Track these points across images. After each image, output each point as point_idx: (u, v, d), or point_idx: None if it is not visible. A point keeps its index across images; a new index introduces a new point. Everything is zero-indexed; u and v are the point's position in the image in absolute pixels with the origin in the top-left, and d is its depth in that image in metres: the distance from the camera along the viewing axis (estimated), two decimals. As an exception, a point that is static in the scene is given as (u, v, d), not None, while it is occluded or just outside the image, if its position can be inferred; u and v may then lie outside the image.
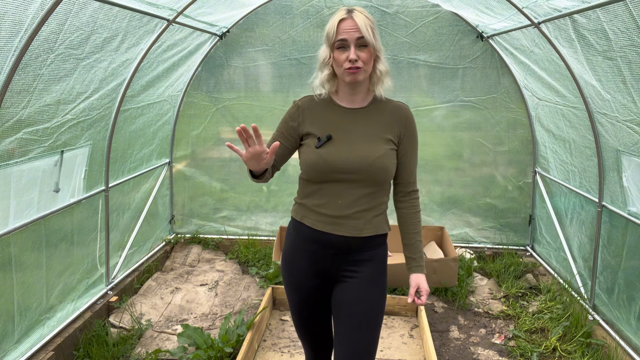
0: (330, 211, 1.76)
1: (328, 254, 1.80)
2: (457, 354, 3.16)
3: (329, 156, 1.73)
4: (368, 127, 1.78)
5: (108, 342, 3.15)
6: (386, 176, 1.77)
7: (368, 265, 1.80)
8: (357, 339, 1.76)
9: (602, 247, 3.27)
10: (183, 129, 4.75)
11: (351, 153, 1.73)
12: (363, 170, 1.72)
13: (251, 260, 4.49)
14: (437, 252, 4.25)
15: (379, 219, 1.80)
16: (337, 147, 1.75)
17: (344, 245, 1.78)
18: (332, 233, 1.77)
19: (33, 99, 2.51)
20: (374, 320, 1.79)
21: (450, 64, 4.41)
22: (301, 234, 1.84)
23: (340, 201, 1.75)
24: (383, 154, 1.74)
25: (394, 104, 1.84)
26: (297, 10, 4.42)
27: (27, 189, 2.69)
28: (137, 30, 3.15)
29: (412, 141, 1.83)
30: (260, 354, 3.09)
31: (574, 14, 2.73)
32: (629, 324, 2.93)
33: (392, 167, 1.78)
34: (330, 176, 1.75)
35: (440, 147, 4.63)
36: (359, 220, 1.76)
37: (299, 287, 1.89)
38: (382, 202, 1.81)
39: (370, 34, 1.68)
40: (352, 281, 1.79)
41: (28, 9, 2.17)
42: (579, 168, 3.57)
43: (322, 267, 1.82)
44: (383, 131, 1.78)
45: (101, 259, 3.56)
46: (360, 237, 1.76)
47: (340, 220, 1.76)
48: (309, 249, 1.83)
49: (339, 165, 1.72)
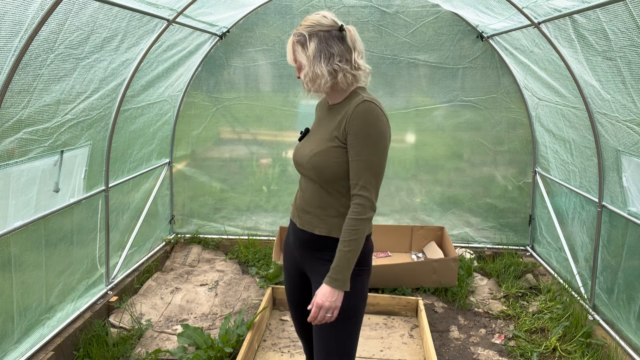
0: (297, 203, 1.91)
1: (296, 246, 1.92)
2: (457, 354, 3.16)
3: (295, 151, 1.90)
4: (327, 123, 1.82)
5: (108, 342, 3.15)
6: (321, 173, 1.73)
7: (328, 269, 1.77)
8: (319, 339, 1.81)
9: (602, 247, 3.27)
10: (183, 129, 4.75)
11: (302, 148, 1.85)
12: (302, 166, 1.82)
13: (251, 260, 4.49)
14: (437, 252, 4.25)
15: (335, 221, 1.76)
16: (303, 142, 1.89)
17: (304, 239, 1.86)
18: (295, 224, 1.90)
19: (33, 99, 2.51)
20: (335, 325, 1.75)
21: (450, 64, 4.41)
22: (289, 224, 2.01)
23: (302, 194, 1.88)
24: (320, 151, 1.74)
25: (355, 99, 1.73)
26: (297, 10, 4.42)
27: (27, 189, 2.69)
28: (137, 30, 3.15)
29: (355, 139, 1.66)
30: (260, 354, 3.09)
31: (574, 14, 2.73)
32: (629, 324, 2.93)
33: (330, 165, 1.71)
34: (297, 169, 1.88)
35: (440, 147, 4.63)
36: (313, 216, 1.82)
37: (288, 275, 2.04)
38: (336, 204, 1.76)
39: (290, 56, 1.83)
40: (317, 278, 1.83)
41: (28, 9, 2.17)
42: (579, 168, 3.57)
43: (297, 257, 1.94)
44: (334, 128, 1.75)
45: (101, 259, 3.56)
46: (314, 234, 1.81)
47: (300, 213, 1.87)
48: (290, 239, 1.97)
49: (295, 158, 1.88)
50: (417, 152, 4.62)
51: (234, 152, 4.80)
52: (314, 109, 2.04)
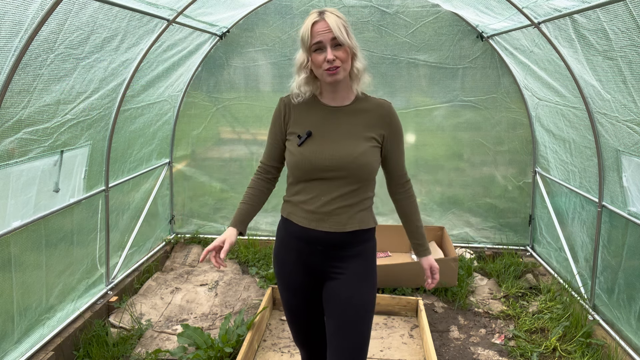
0: (314, 208, 1.79)
1: (315, 251, 1.83)
2: (457, 354, 3.16)
3: (311, 155, 1.76)
4: (350, 124, 1.80)
5: (108, 342, 3.15)
6: (369, 173, 1.79)
7: (355, 262, 1.83)
8: (349, 334, 1.78)
9: (602, 247, 3.27)
10: (183, 129, 4.75)
11: (334, 151, 1.75)
12: (346, 167, 1.74)
13: (251, 260, 4.49)
14: (437, 252, 4.25)
15: (363, 214, 1.83)
16: (320, 145, 1.77)
17: (329, 241, 1.80)
18: (316, 229, 1.80)
19: (33, 99, 2.51)
20: (365, 316, 1.80)
21: (450, 64, 4.41)
22: (289, 231, 1.88)
23: (324, 198, 1.78)
24: (365, 151, 1.76)
25: (375, 101, 1.85)
26: (297, 10, 4.42)
27: (27, 189, 2.69)
28: (137, 30, 3.15)
29: (397, 137, 1.86)
30: (260, 354, 3.09)
31: (574, 14, 2.73)
32: (629, 324, 2.93)
33: (375, 164, 1.80)
34: (314, 174, 1.78)
35: (440, 147, 4.63)
36: (342, 215, 1.78)
37: (289, 283, 1.92)
38: (365, 198, 1.83)
39: (343, 33, 1.69)
40: (341, 277, 1.81)
41: (28, 9, 2.17)
42: (579, 168, 3.57)
43: (310, 264, 1.85)
44: (365, 129, 1.80)
45: (101, 259, 3.56)
46: (344, 232, 1.79)
47: (324, 217, 1.79)
48: (297, 246, 1.86)
49: (321, 163, 1.75)
50: (417, 152, 4.62)
51: (234, 152, 4.80)
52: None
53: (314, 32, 1.69)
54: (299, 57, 1.80)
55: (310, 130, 1.79)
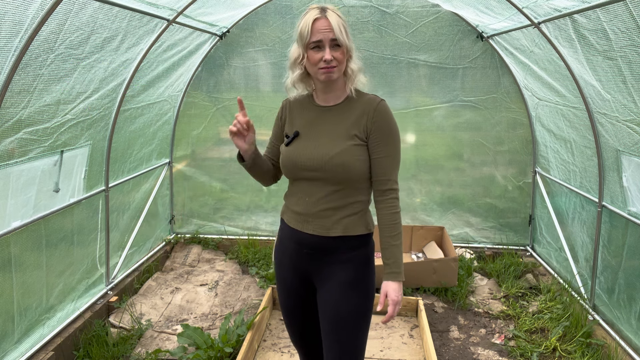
0: (300, 209, 1.79)
1: (303, 254, 1.81)
2: (457, 354, 3.16)
3: (293, 154, 1.76)
4: (336, 124, 1.77)
5: (108, 342, 3.15)
6: (347, 173, 1.70)
7: (346, 268, 1.77)
8: (336, 341, 1.76)
9: (602, 247, 3.27)
10: (183, 129, 4.75)
11: (313, 150, 1.74)
12: (322, 167, 1.71)
13: (251, 260, 4.49)
14: (437, 252, 4.25)
15: (351, 219, 1.76)
16: (303, 145, 1.76)
17: (314, 245, 1.78)
18: (302, 231, 1.79)
19: (33, 99, 2.51)
20: (355, 324, 1.76)
21: (450, 64, 4.41)
22: (283, 232, 1.89)
23: (308, 199, 1.77)
24: (342, 150, 1.70)
25: (365, 98, 1.78)
26: (297, 10, 4.42)
27: (27, 189, 2.69)
28: (137, 30, 3.15)
29: (382, 135, 1.73)
30: (260, 354, 3.09)
31: (574, 14, 2.73)
32: (629, 324, 2.93)
33: (355, 163, 1.71)
34: (298, 174, 1.78)
35: (440, 147, 4.63)
36: (326, 219, 1.75)
37: (284, 284, 1.92)
38: (354, 202, 1.76)
39: (343, 35, 1.67)
40: (330, 284, 1.78)
41: (28, 9, 2.17)
42: (579, 168, 3.57)
43: (300, 266, 1.84)
44: (350, 126, 1.74)
45: (101, 259, 3.56)
46: (328, 236, 1.75)
47: (308, 218, 1.77)
48: (289, 247, 1.86)
49: (302, 162, 1.74)
50: (417, 152, 4.62)
51: (234, 152, 4.80)
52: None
53: (314, 29, 1.66)
54: (294, 51, 1.75)
55: (299, 130, 1.79)
